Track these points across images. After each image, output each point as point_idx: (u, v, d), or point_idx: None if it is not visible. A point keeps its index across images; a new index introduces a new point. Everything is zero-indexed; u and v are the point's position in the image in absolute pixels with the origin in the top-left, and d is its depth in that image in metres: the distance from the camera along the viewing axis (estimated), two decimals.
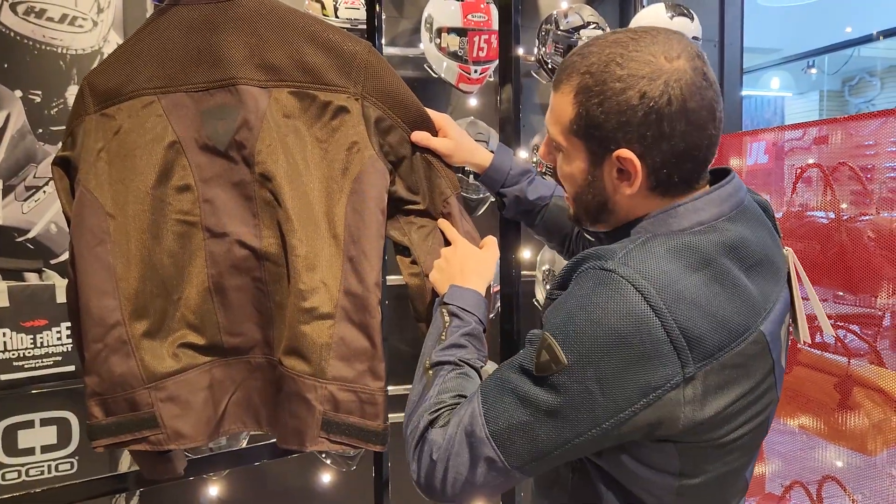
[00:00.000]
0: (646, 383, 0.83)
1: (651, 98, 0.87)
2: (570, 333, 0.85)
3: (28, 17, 2.25)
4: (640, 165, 0.89)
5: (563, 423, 0.86)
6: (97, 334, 1.16)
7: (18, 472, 2.06)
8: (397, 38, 2.81)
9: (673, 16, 2.64)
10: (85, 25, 2.32)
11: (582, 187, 0.97)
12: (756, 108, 11.30)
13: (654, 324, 0.82)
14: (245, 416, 1.27)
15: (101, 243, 1.16)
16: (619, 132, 0.88)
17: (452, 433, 0.93)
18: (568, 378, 0.84)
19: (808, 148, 2.53)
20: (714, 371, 0.84)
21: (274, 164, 1.15)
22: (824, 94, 10.14)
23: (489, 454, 0.90)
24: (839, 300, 2.47)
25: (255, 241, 1.18)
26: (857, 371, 2.31)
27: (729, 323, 0.85)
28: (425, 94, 2.87)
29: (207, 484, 2.64)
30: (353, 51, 1.16)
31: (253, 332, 1.23)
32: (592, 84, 0.89)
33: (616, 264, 0.86)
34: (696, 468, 0.91)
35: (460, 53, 2.44)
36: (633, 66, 0.88)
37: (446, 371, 1.05)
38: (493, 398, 0.91)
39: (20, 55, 2.24)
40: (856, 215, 2.31)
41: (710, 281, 0.86)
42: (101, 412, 1.18)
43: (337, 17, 2.34)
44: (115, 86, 1.18)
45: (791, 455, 2.78)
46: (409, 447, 0.98)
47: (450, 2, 2.45)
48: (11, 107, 2.24)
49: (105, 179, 1.17)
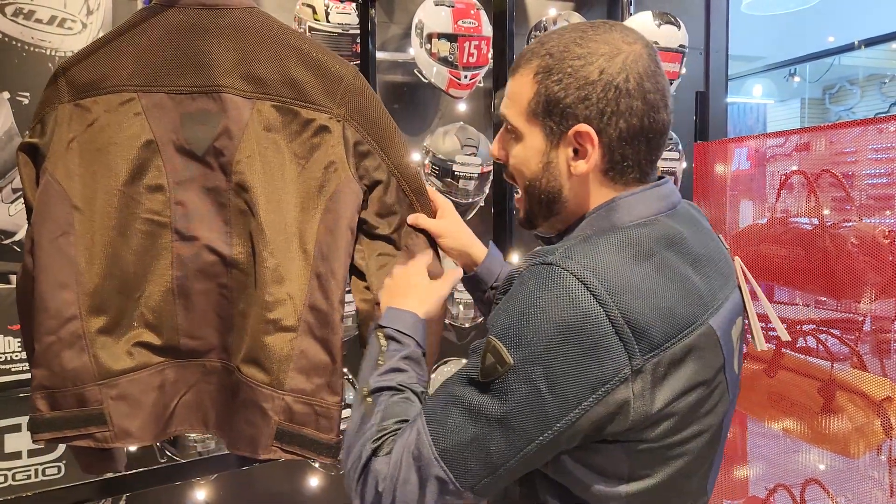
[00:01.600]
0: (594, 378, 0.81)
1: (610, 73, 0.89)
2: (514, 332, 0.83)
3: (16, 19, 2.24)
4: (596, 141, 0.90)
5: (514, 431, 0.83)
6: (51, 327, 1.15)
7: (5, 475, 2.05)
8: (387, 43, 2.82)
9: (660, 24, 2.67)
10: (74, 27, 2.31)
11: (536, 174, 0.96)
12: (739, 114, 11.41)
13: (599, 315, 0.81)
14: (193, 418, 1.27)
15: (64, 234, 1.15)
16: (577, 107, 0.90)
17: (398, 459, 0.88)
18: (515, 379, 0.82)
19: (789, 155, 2.58)
20: (662, 363, 0.83)
21: (252, 175, 1.16)
22: (805, 102, 10.27)
23: (439, 475, 0.85)
24: (821, 305, 2.51)
25: (225, 248, 1.19)
26: (840, 375, 2.34)
27: (675, 313, 0.85)
28: (415, 100, 2.89)
29: (195, 488, 2.62)
30: (339, 73, 1.18)
31: (212, 336, 1.23)
32: (552, 63, 0.91)
33: (558, 258, 0.85)
34: (645, 472, 0.89)
35: (450, 59, 2.46)
36: (592, 45, 0.90)
37: (387, 397, 0.98)
38: (439, 415, 0.87)
39: (8, 57, 2.22)
40: (838, 222, 2.35)
41: (653, 272, 0.86)
42: (47, 406, 1.17)
43: (328, 22, 2.34)
44: (94, 78, 1.17)
45: (774, 458, 2.81)
46: (352, 480, 0.92)
47: (440, 7, 2.46)
48: None
49: (74, 171, 1.16)
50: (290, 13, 2.47)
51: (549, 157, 0.94)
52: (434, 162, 2.51)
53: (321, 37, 2.36)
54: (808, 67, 9.29)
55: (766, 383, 2.61)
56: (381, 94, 2.86)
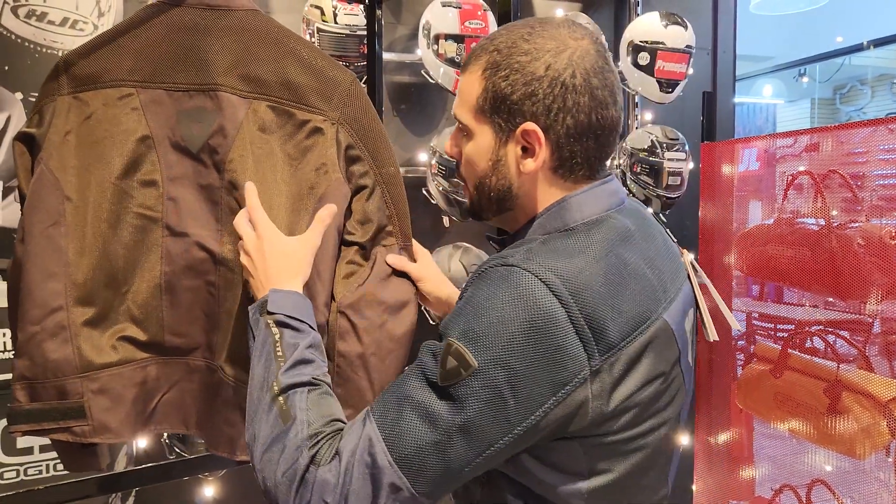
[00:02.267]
0: (555, 380, 0.82)
1: (556, 70, 0.89)
2: (477, 334, 0.82)
3: (29, 21, 2.27)
4: (544, 139, 0.90)
5: (475, 435, 0.82)
6: (35, 316, 1.13)
7: (17, 471, 2.08)
8: (395, 44, 2.83)
9: (667, 24, 2.67)
10: (86, 29, 2.34)
11: (486, 171, 0.96)
12: (748, 115, 11.37)
13: (561, 315, 0.81)
14: (174, 416, 1.25)
15: (55, 224, 1.14)
16: (524, 104, 0.90)
17: (347, 467, 0.83)
18: (478, 383, 0.81)
19: (798, 155, 2.58)
20: (620, 361, 0.85)
21: (243, 173, 1.15)
22: (815, 102, 10.22)
23: (394, 482, 0.82)
24: (831, 306, 2.51)
25: (215, 245, 1.18)
26: (847, 376, 2.34)
27: (631, 312, 0.86)
28: (423, 100, 2.90)
29: (203, 484, 2.65)
30: (337, 78, 1.18)
31: (197, 334, 1.22)
32: (500, 59, 0.91)
33: (518, 260, 0.85)
34: (604, 467, 0.89)
35: (457, 60, 2.47)
36: (539, 41, 0.90)
37: (305, 393, 0.91)
38: (392, 420, 0.84)
39: (21, 58, 2.25)
40: (846, 222, 2.35)
41: (611, 271, 0.86)
42: (26, 397, 1.15)
43: (336, 23, 2.36)
44: (94, 72, 1.17)
45: (780, 459, 2.81)
46: (284, 491, 0.85)
47: (447, 9, 2.47)
48: (12, 109, 2.26)
49: (69, 162, 1.16)
50: (299, 14, 2.49)
51: (499, 155, 0.94)
52: (440, 162, 2.52)
53: (329, 38, 2.37)
54: (818, 68, 9.26)
55: (772, 384, 2.62)
56: (390, 95, 2.88)
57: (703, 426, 3.00)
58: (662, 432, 0.93)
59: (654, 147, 2.75)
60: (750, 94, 10.20)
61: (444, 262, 2.56)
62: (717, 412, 2.94)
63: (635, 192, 2.81)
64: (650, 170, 2.76)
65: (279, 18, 2.69)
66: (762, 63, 9.31)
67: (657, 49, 2.66)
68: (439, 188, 2.55)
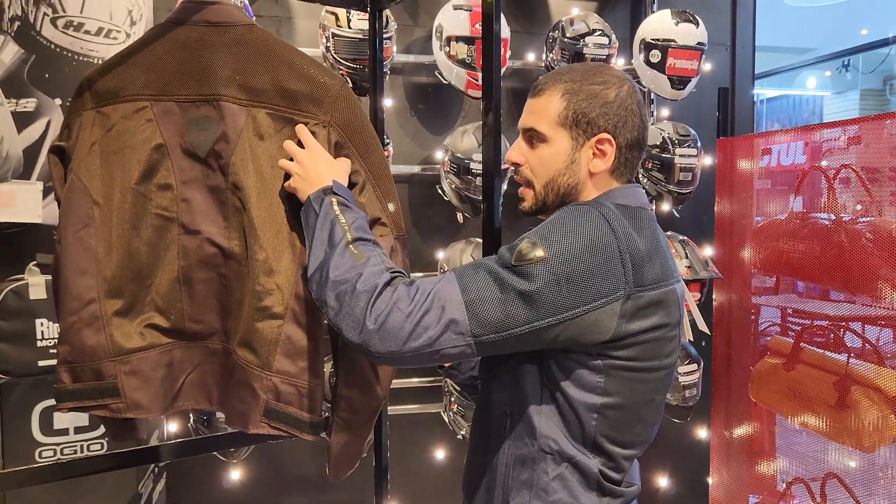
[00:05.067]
0: (599, 289, 1.06)
1: (621, 97, 1.20)
2: (549, 237, 1.07)
3: (67, 31, 2.42)
4: (614, 145, 1.19)
5: (529, 306, 1.04)
6: (73, 308, 1.28)
7: (54, 450, 2.23)
8: (412, 46, 2.92)
9: (678, 22, 2.70)
10: (119, 37, 2.48)
11: (559, 170, 1.21)
12: (794, 107, 11.14)
13: (613, 243, 1.07)
14: (199, 394, 1.39)
15: (85, 227, 1.28)
16: (599, 120, 1.18)
17: (426, 293, 1.05)
18: (543, 268, 1.04)
19: (844, 148, 2.55)
20: (643, 299, 1.10)
21: (245, 176, 1.27)
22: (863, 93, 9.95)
23: (456, 317, 1.03)
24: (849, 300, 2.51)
25: (224, 241, 1.30)
26: (856, 370, 2.35)
27: (657, 269, 1.13)
28: (440, 100, 2.98)
29: (229, 468, 2.79)
30: (327, 84, 1.28)
31: (213, 321, 1.35)
32: (577, 88, 1.20)
33: (587, 203, 1.15)
34: (615, 388, 1.13)
35: (468, 61, 2.54)
36: (605, 76, 1.22)
37: (372, 245, 1.14)
38: (469, 276, 1.07)
39: (60, 66, 2.40)
40: (856, 217, 2.35)
41: (646, 236, 1.13)
42: (70, 378, 1.30)
43: (350, 28, 2.45)
44: (113, 87, 1.30)
45: (794, 452, 2.82)
46: (360, 301, 1.05)
47: (459, 11, 2.55)
48: (52, 114, 2.41)
49: (95, 170, 1.29)
50: (317, 20, 2.60)
51: (573, 158, 1.20)
52: (453, 160, 2.60)
53: (344, 42, 2.47)
54: (861, 58, 9.02)
55: (785, 377, 2.63)
56: (407, 95, 2.97)
57: (720, 420, 3.02)
58: (661, 374, 1.18)
59: (666, 143, 2.78)
60: (793, 87, 9.99)
61: (457, 257, 2.65)
62: (734, 406, 2.96)
63: (647, 189, 2.84)
64: (661, 166, 2.79)
65: (299, 24, 2.83)
66: (804, 55, 9.11)
67: (668, 47, 2.69)
68: (452, 185, 2.63)
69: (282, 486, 2.92)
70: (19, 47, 2.37)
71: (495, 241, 1.45)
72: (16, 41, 2.36)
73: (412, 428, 2.89)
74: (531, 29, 3.05)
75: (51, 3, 2.39)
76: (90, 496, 2.28)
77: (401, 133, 2.95)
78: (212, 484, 2.83)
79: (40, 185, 2.38)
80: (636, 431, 1.19)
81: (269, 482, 2.89)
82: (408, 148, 2.94)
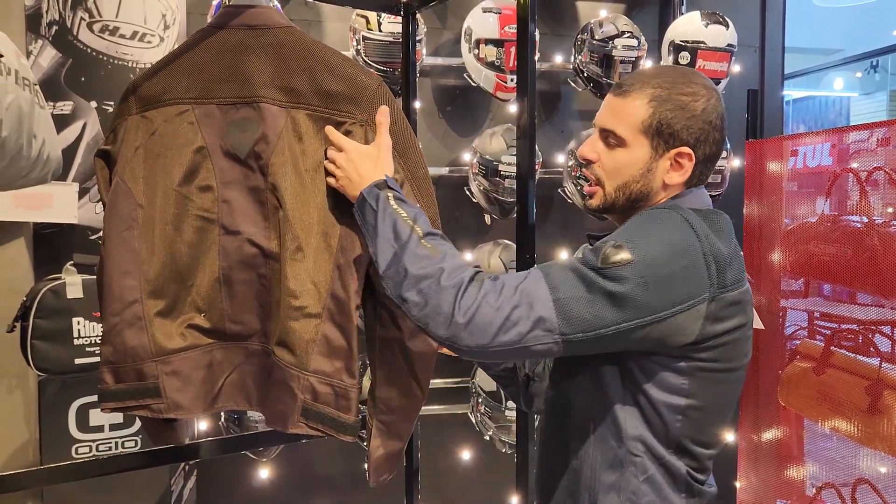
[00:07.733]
0: (686, 293, 1.05)
1: (707, 111, 1.15)
2: (634, 240, 1.06)
3: (103, 35, 2.46)
4: (693, 159, 1.15)
5: (617, 307, 1.03)
6: (116, 309, 1.29)
7: (90, 447, 2.28)
8: (440, 49, 2.93)
9: (707, 23, 2.69)
10: (153, 41, 2.52)
11: (634, 177, 1.17)
12: (820, 109, 11.00)
13: (697, 247, 1.07)
14: (238, 395, 1.39)
15: (129, 229, 1.30)
16: (682, 133, 1.15)
17: (516, 288, 1.04)
18: (629, 271, 1.03)
19: (874, 150, 2.52)
20: (726, 301, 1.09)
21: (283, 176, 1.28)
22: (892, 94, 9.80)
23: (544, 315, 1.02)
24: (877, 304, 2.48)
25: (264, 241, 1.31)
26: (889, 374, 2.32)
27: (735, 271, 1.12)
28: (468, 102, 3.00)
29: (258, 467, 2.82)
30: (365, 83, 1.29)
31: (253, 322, 1.36)
32: (665, 95, 1.15)
33: (666, 206, 1.14)
34: (697, 391, 1.12)
35: (497, 63, 2.56)
36: (695, 86, 1.16)
37: (442, 240, 1.14)
38: (556, 275, 1.06)
39: (96, 69, 2.45)
40: (889, 220, 2.33)
41: (725, 238, 1.12)
42: (112, 379, 1.31)
43: (380, 31, 2.48)
44: (157, 92, 1.33)
45: (825, 457, 2.79)
46: (448, 296, 1.05)
47: (488, 14, 2.56)
48: (87, 116, 2.46)
49: (139, 173, 1.31)
50: (347, 23, 2.63)
51: (650, 167, 1.16)
52: (481, 162, 2.61)
53: (374, 45, 2.49)
54: (891, 59, 8.89)
55: (815, 381, 2.60)
56: (436, 97, 2.99)
57: (748, 423, 2.99)
58: (740, 374, 1.18)
59: None
60: (820, 88, 9.87)
61: (485, 258, 2.66)
62: (762, 410, 2.93)
63: None
64: None
65: (330, 27, 2.85)
66: (832, 56, 9.00)
67: (698, 48, 2.68)
68: (480, 187, 2.64)
69: (310, 485, 2.94)
70: (57, 51, 2.42)
71: (529, 242, 1.46)
72: (53, 45, 2.42)
73: (439, 429, 2.90)
74: (559, 31, 3.06)
75: (87, 8, 2.44)
76: (123, 492, 2.33)
77: (429, 135, 2.96)
78: (241, 482, 2.87)
79: (76, 187, 2.43)
80: (717, 431, 1.19)
81: (298, 481, 2.91)
82: (436, 150, 2.96)
